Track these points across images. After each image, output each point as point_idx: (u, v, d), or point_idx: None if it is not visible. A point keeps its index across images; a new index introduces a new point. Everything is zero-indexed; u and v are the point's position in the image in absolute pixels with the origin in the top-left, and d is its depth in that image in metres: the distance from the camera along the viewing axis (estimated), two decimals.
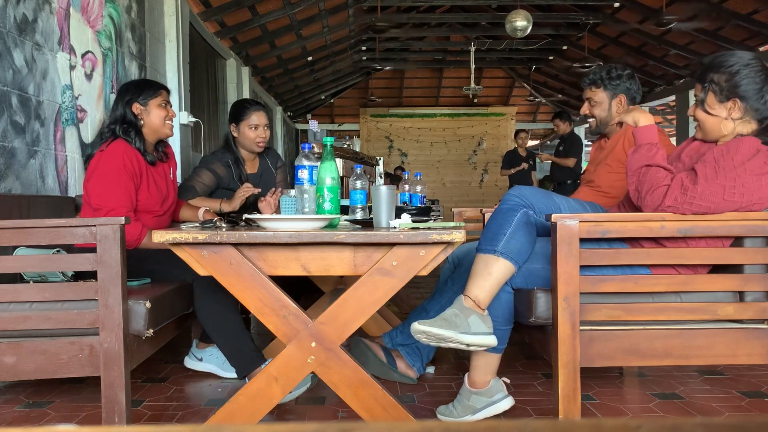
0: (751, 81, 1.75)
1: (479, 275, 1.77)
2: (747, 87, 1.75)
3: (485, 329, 1.74)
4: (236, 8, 5.96)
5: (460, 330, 1.72)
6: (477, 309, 1.76)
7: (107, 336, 1.64)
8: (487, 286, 1.76)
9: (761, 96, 1.75)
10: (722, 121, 1.79)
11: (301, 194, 1.87)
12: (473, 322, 1.73)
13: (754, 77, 1.75)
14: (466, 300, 1.77)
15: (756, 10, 6.58)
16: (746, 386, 2.23)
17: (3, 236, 1.66)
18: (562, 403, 1.63)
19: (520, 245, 1.77)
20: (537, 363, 2.58)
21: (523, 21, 6.81)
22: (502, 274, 1.77)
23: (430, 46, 10.80)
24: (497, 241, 1.77)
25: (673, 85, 9.50)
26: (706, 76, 1.82)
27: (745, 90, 1.75)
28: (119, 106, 2.31)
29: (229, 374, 2.39)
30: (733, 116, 1.78)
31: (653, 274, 1.77)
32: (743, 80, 1.76)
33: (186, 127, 4.72)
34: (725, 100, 1.78)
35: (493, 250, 1.77)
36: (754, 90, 1.75)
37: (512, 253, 1.76)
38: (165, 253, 1.94)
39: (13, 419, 1.97)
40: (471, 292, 1.77)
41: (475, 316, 1.74)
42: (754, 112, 1.76)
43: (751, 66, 1.76)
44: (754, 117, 1.77)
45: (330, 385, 1.61)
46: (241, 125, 2.84)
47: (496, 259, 1.76)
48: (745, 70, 1.76)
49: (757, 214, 1.68)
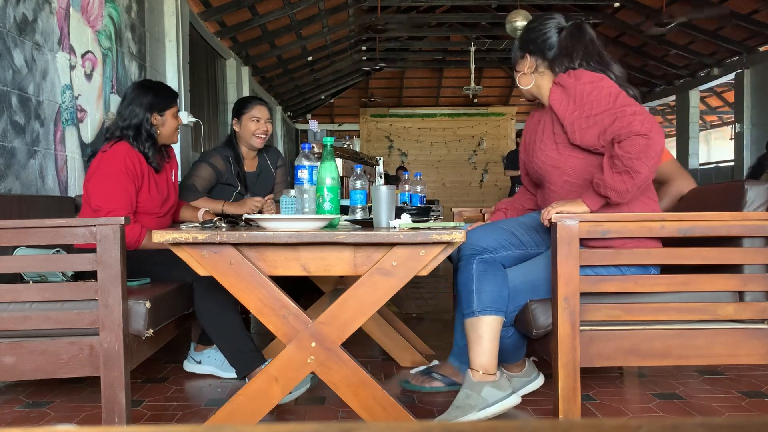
0: (542, 36, 1.89)
1: (474, 342, 1.80)
2: (538, 41, 1.90)
3: (502, 394, 1.77)
4: (236, 8, 5.96)
5: (478, 408, 1.75)
6: (488, 378, 1.77)
7: (107, 336, 1.64)
8: (484, 349, 1.78)
9: (550, 47, 1.88)
10: (523, 77, 1.93)
11: (301, 194, 1.87)
12: (487, 394, 1.76)
13: (544, 32, 1.89)
14: (474, 374, 1.79)
15: (756, 10, 6.58)
16: (746, 386, 2.23)
17: (3, 236, 1.66)
18: (562, 403, 1.63)
19: (492, 294, 1.79)
20: (537, 363, 2.58)
21: (523, 21, 6.80)
22: (493, 329, 1.79)
23: (430, 46, 10.80)
24: (471, 303, 1.80)
25: (673, 85, 9.50)
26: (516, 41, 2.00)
27: (536, 44, 1.90)
28: (138, 111, 2.28)
29: (229, 374, 2.39)
30: (527, 71, 1.92)
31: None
32: (533, 35, 1.91)
33: (186, 127, 4.72)
34: (521, 58, 1.93)
35: (471, 312, 1.80)
36: (543, 43, 1.89)
37: (489, 306, 1.78)
38: (165, 253, 1.94)
39: (13, 419, 1.97)
40: (474, 363, 1.79)
41: (488, 387, 1.76)
42: (548, 63, 1.89)
43: (543, 23, 1.92)
44: (548, 67, 1.89)
45: (330, 385, 1.61)
46: (243, 118, 2.86)
47: (479, 319, 1.79)
48: (537, 27, 1.92)
49: (757, 214, 1.69)
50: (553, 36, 1.88)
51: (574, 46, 1.85)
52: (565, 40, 1.86)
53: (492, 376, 1.77)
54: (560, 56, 1.85)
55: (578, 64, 1.83)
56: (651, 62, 9.12)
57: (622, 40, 8.89)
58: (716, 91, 12.26)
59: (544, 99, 1.92)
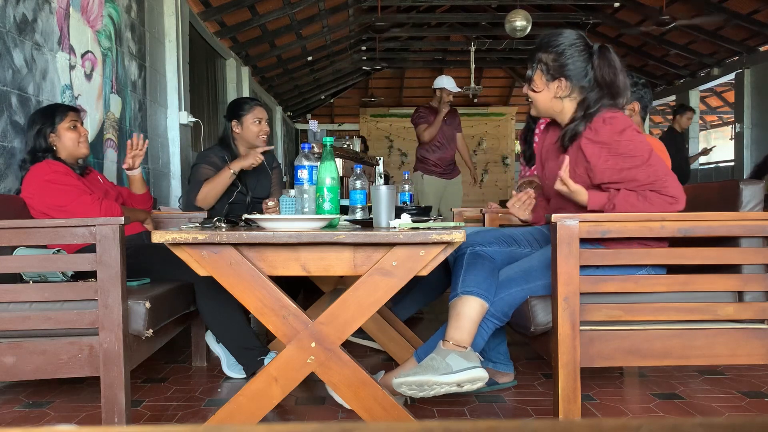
0: (577, 60, 1.82)
1: (451, 319, 1.81)
2: (573, 66, 1.82)
3: (468, 364, 1.73)
4: (236, 8, 5.95)
5: (440, 372, 1.71)
6: (457, 348, 1.76)
7: (107, 336, 1.64)
8: (460, 325, 1.78)
9: (585, 74, 1.83)
10: (551, 100, 1.87)
11: (301, 194, 1.87)
12: (452, 361, 1.73)
13: (578, 56, 1.82)
14: (445, 344, 1.79)
15: (756, 10, 6.58)
16: (746, 386, 2.23)
17: (3, 236, 1.66)
18: (562, 403, 1.63)
19: (476, 278, 1.80)
20: (537, 363, 2.58)
21: (523, 21, 6.80)
22: (471, 309, 1.78)
23: (430, 46, 10.79)
24: (456, 286, 1.82)
25: (673, 85, 9.50)
26: (535, 55, 1.88)
27: (571, 69, 1.82)
28: (30, 139, 2.29)
29: (235, 374, 2.40)
30: (560, 95, 1.85)
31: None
32: (568, 60, 1.83)
33: (186, 126, 4.72)
34: (552, 79, 1.85)
35: (455, 294, 1.82)
36: (579, 69, 1.82)
37: (471, 287, 1.79)
38: (165, 253, 1.94)
39: (13, 419, 1.97)
40: (447, 335, 1.79)
41: (454, 354, 1.74)
42: (580, 89, 1.84)
43: (575, 45, 1.83)
44: (580, 93, 1.84)
45: (330, 385, 1.61)
46: (245, 120, 2.87)
47: (460, 299, 1.80)
48: (570, 50, 1.83)
49: (757, 214, 1.68)
50: (583, 60, 1.83)
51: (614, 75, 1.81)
52: (600, 70, 1.82)
53: (461, 348, 1.76)
54: (596, 89, 1.82)
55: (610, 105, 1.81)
56: (651, 62, 9.11)
57: (622, 40, 8.89)
58: (716, 91, 12.26)
59: (562, 119, 1.89)
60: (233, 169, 2.73)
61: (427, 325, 3.43)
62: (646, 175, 1.70)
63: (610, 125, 1.75)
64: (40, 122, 2.29)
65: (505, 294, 1.81)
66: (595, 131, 1.76)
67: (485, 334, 1.83)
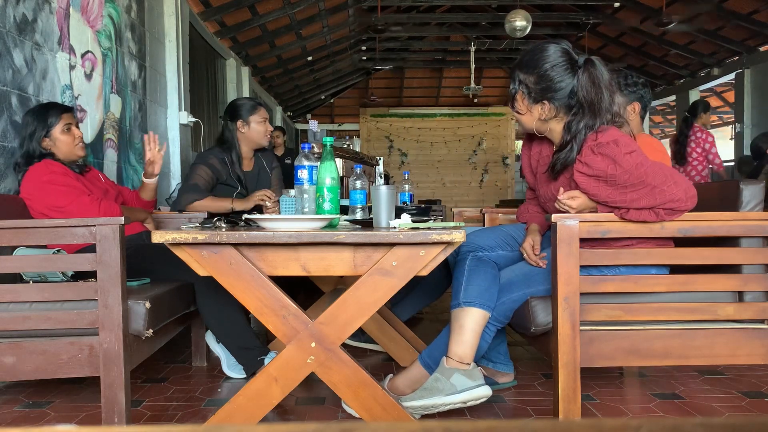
0: (560, 81, 1.72)
1: (454, 331, 1.81)
2: (556, 87, 1.72)
3: (472, 383, 1.75)
4: (236, 8, 5.95)
5: (445, 393, 1.74)
6: (461, 366, 1.77)
7: (107, 336, 1.64)
8: (463, 339, 1.78)
9: (572, 93, 1.72)
10: (536, 122, 1.78)
11: (301, 194, 1.87)
12: (457, 381, 1.75)
13: (562, 75, 1.71)
14: (449, 361, 1.79)
15: (756, 10, 6.58)
16: (746, 386, 2.23)
17: (3, 236, 1.66)
18: (562, 403, 1.63)
19: (479, 288, 1.80)
20: (537, 363, 2.58)
21: (523, 21, 6.81)
22: (474, 321, 1.79)
23: (430, 46, 10.79)
24: (458, 295, 1.81)
25: (673, 85, 9.50)
26: (516, 74, 1.78)
27: (555, 91, 1.72)
28: (25, 143, 2.25)
29: (233, 374, 2.40)
30: (545, 117, 1.76)
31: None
32: (551, 82, 1.72)
33: (186, 127, 4.72)
34: (535, 102, 1.76)
35: (456, 304, 1.81)
36: (564, 89, 1.72)
37: (473, 299, 1.79)
38: (165, 252, 1.94)
39: (13, 419, 1.97)
40: (451, 351, 1.80)
41: (458, 373, 1.76)
42: (567, 108, 1.74)
43: (558, 66, 1.72)
44: (566, 113, 1.75)
45: (330, 385, 1.61)
46: (251, 120, 2.89)
47: (462, 310, 1.79)
48: (552, 71, 1.72)
49: (757, 214, 1.68)
50: (568, 79, 1.72)
51: (597, 95, 1.70)
52: (583, 89, 1.70)
53: (465, 366, 1.77)
54: (582, 107, 1.72)
55: (599, 122, 1.71)
56: (651, 62, 9.11)
57: (622, 40, 8.89)
58: (716, 91, 12.25)
59: (552, 137, 1.82)
60: (234, 206, 2.74)
61: (428, 325, 3.43)
62: (648, 201, 1.62)
63: (600, 155, 1.65)
64: (32, 125, 2.25)
65: (506, 298, 1.81)
66: (587, 165, 1.67)
67: (488, 337, 1.85)
